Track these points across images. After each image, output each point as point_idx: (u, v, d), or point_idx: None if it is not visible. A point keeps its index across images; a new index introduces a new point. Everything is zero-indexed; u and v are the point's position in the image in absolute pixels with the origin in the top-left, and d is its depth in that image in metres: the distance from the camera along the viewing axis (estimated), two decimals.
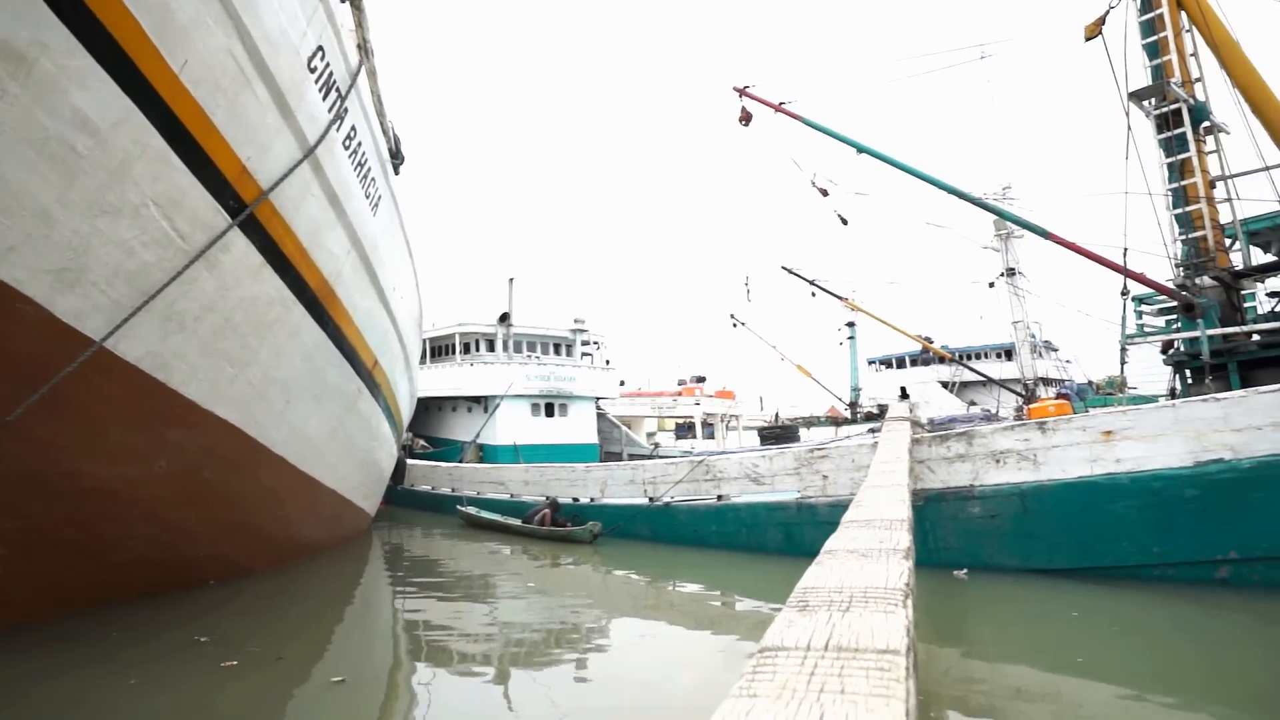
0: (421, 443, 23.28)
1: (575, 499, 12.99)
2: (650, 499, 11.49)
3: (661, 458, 15.89)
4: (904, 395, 15.51)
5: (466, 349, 23.81)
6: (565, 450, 21.96)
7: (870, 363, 39.86)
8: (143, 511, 6.41)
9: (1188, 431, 6.93)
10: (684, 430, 35.83)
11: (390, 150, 9.18)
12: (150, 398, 5.82)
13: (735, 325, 28.39)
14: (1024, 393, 17.54)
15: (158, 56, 4.64)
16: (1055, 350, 31.45)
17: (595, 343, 25.98)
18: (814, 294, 21.95)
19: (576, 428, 24.02)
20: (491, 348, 23.55)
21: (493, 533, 13.40)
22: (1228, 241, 9.92)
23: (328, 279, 7.50)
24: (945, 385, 32.26)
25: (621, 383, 31.99)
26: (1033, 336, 21.53)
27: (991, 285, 20.66)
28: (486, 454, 21.52)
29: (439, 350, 24.72)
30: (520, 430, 22.31)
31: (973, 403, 29.16)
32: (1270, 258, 11.04)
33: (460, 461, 19.04)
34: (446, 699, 4.85)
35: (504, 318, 23.25)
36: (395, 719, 4.70)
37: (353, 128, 7.29)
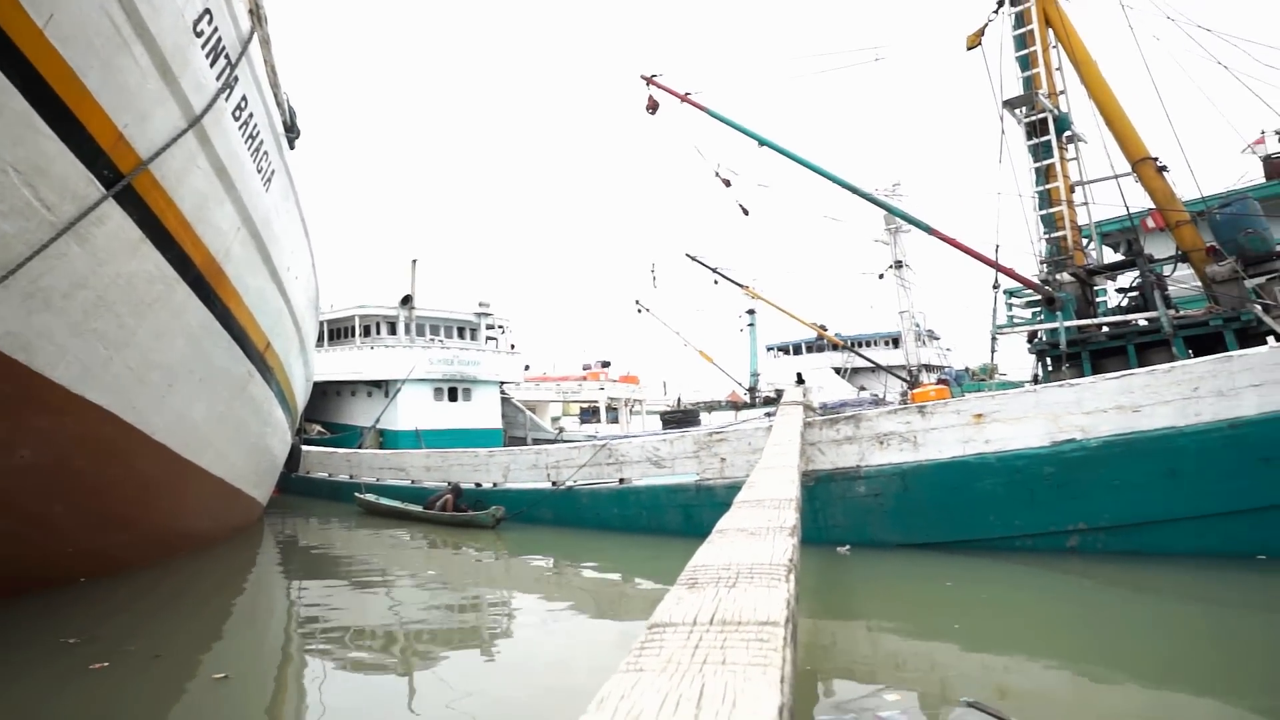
0: (318, 428, 22.39)
1: (478, 484, 12.90)
2: (553, 483, 11.57)
3: (566, 442, 15.96)
4: (800, 381, 16.24)
5: (367, 332, 23.02)
6: (469, 435, 21.70)
7: (769, 349, 41.31)
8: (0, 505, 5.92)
9: (1046, 414, 7.64)
10: (589, 415, 36.01)
11: (285, 123, 8.74)
12: (10, 382, 5.37)
13: (640, 311, 28.72)
14: (909, 378, 18.76)
15: (16, 7, 4.26)
16: (937, 339, 33.69)
17: (500, 327, 25.68)
18: (716, 282, 22.54)
19: (480, 412, 23.73)
20: (393, 331, 22.87)
21: (392, 520, 13.12)
22: (1084, 241, 10.94)
23: (215, 256, 7.10)
24: (838, 371, 33.95)
25: (527, 367, 31.78)
26: (917, 326, 23.00)
27: (881, 277, 21.91)
28: (387, 440, 20.96)
29: (337, 333, 23.77)
30: (422, 415, 21.84)
31: (863, 388, 30.85)
32: (1119, 257, 12.23)
33: (359, 447, 18.45)
34: (341, 693, 4.72)
35: (406, 300, 22.60)
36: (283, 716, 4.51)
37: (243, 98, 6.90)
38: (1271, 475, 6.62)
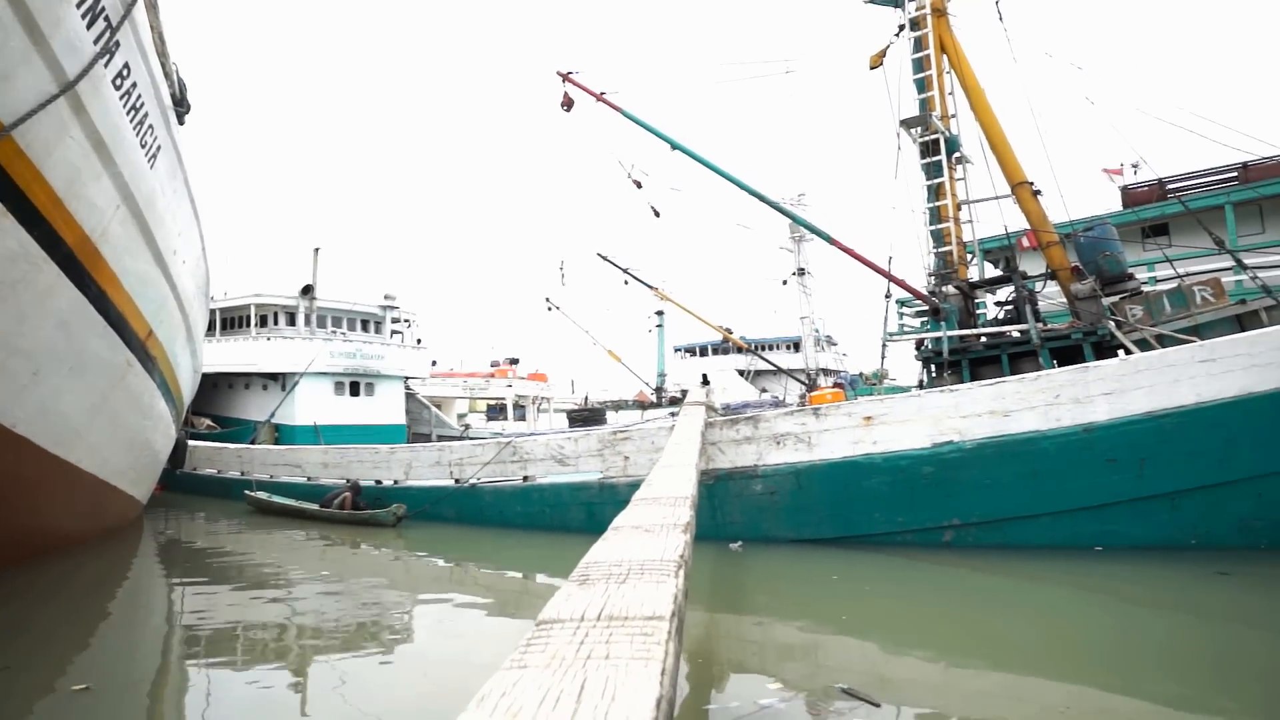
0: (207, 423, 21.11)
1: (378, 481, 12.55)
2: (456, 480, 11.40)
3: (471, 439, 15.72)
4: (705, 382, 16.63)
5: (263, 322, 21.86)
6: (371, 431, 21.03)
7: (676, 350, 42.05)
8: None
9: (929, 418, 8.17)
10: (496, 412, 35.58)
11: (174, 96, 8.19)
12: None
13: (550, 309, 28.60)
14: (807, 382, 19.56)
15: None
16: (835, 344, 35.31)
17: (406, 320, 25.00)
18: (626, 282, 22.75)
19: (383, 408, 23.03)
20: (292, 321, 21.83)
21: (286, 519, 12.56)
22: (968, 257, 11.75)
23: (90, 235, 6.59)
24: (742, 373, 34.94)
25: (433, 363, 31.06)
26: (817, 331, 24.04)
27: (785, 283, 22.76)
28: (283, 435, 20.03)
29: (231, 322, 22.48)
30: (322, 410, 21.00)
31: (765, 390, 31.89)
32: (998, 272, 13.18)
33: (252, 443, 17.53)
34: (223, 700, 4.48)
35: (307, 290, 21.64)
36: None
37: (126, 65, 6.43)
38: (1115, 475, 7.35)
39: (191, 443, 17.08)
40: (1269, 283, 8.94)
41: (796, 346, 29.43)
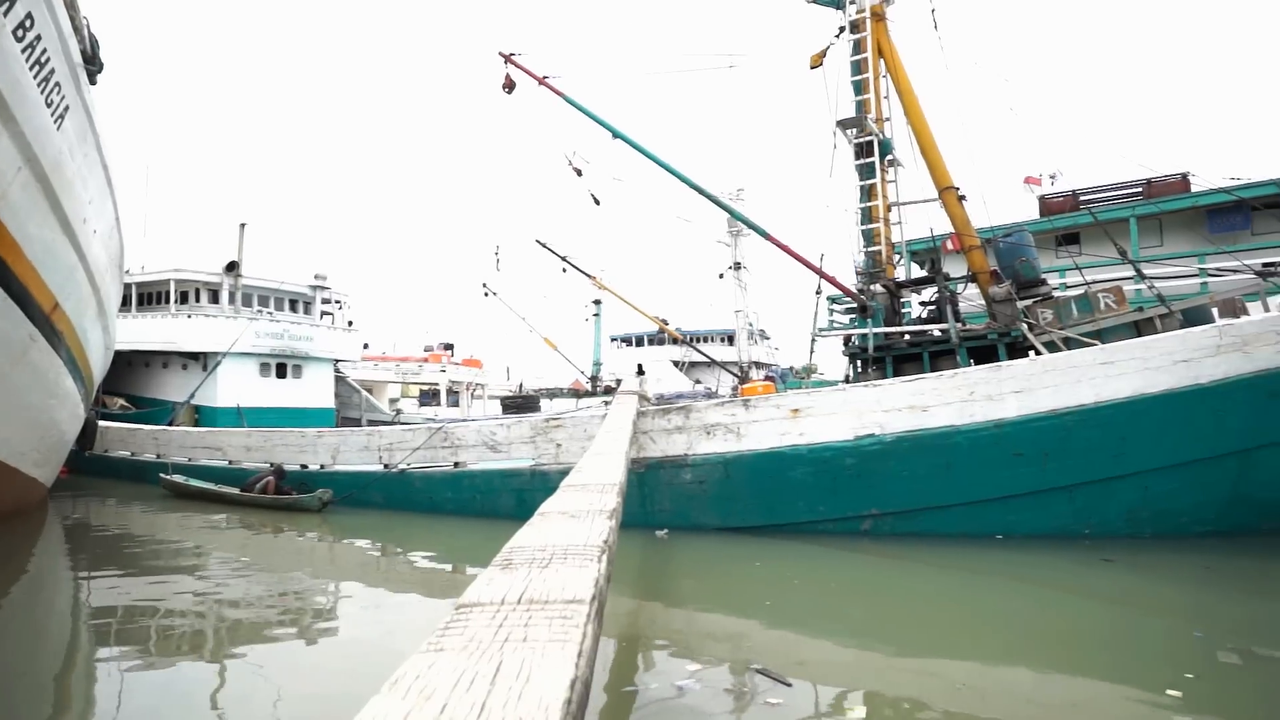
0: (121, 403, 20.01)
1: (304, 466, 12.20)
2: (386, 465, 11.21)
3: (402, 424, 15.44)
4: (641, 372, 16.75)
5: (184, 298, 20.84)
6: (298, 415, 20.37)
7: (613, 340, 42.17)
8: None
9: (852, 411, 8.47)
10: (428, 397, 34.99)
11: (85, 53, 7.70)
12: None
13: (486, 295, 28.17)
14: (740, 374, 19.94)
15: None
16: (768, 338, 36.10)
17: (338, 302, 24.26)
18: (565, 270, 22.60)
19: (311, 391, 22.34)
20: (215, 299, 20.89)
21: (205, 503, 12.08)
22: (896, 257, 12.17)
23: None
24: (677, 364, 35.39)
25: (365, 345, 30.24)
26: (750, 325, 24.50)
27: (721, 276, 23.08)
28: (204, 417, 19.19)
29: (149, 298, 21.34)
30: (246, 392, 20.21)
31: (698, 381, 32.40)
32: (924, 273, 13.71)
33: (170, 424, 16.73)
34: (134, 694, 4.29)
35: (232, 266, 20.71)
36: None
37: (28, 16, 6.03)
38: (1021, 468, 7.80)
39: (102, 423, 16.21)
40: (1164, 292, 9.60)
41: (730, 339, 29.95)
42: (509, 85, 15.15)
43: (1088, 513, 7.83)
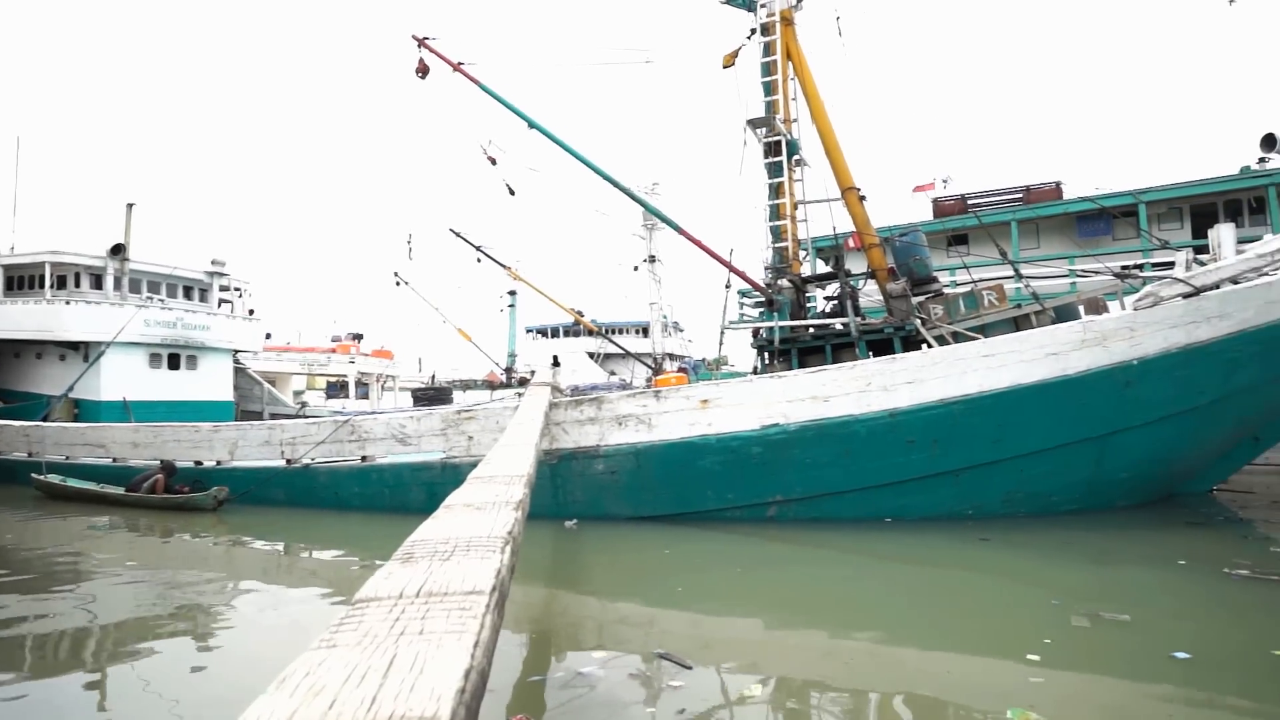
0: None
1: (199, 463, 11.58)
2: (288, 461, 10.79)
3: (305, 418, 14.85)
4: (556, 363, 16.73)
5: (61, 283, 19.23)
6: (193, 408, 19.20)
7: (528, 331, 41.84)
8: None
9: (759, 401, 8.77)
10: (336, 389, 33.73)
11: None
12: None
13: (399, 284, 27.37)
14: (654, 366, 20.21)
15: None
16: (681, 330, 36.70)
17: (237, 289, 22.96)
18: (479, 260, 22.22)
19: (208, 383, 21.09)
20: (99, 285, 19.37)
21: (84, 505, 11.28)
22: (802, 253, 12.63)
23: None
24: (592, 356, 35.48)
25: (268, 335, 28.81)
26: (665, 317, 24.86)
27: (636, 269, 23.29)
28: (85, 412, 17.80)
29: (20, 282, 19.58)
30: (134, 385, 18.86)
31: (613, 373, 32.62)
32: (828, 269, 14.27)
33: (45, 420, 15.45)
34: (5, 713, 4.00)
35: (118, 249, 19.26)
36: None
37: None
38: (913, 454, 8.31)
39: None
40: (1039, 291, 10.39)
41: (645, 331, 30.30)
42: (422, 70, 14.73)
43: (971, 495, 8.43)
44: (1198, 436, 8.48)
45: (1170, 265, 10.40)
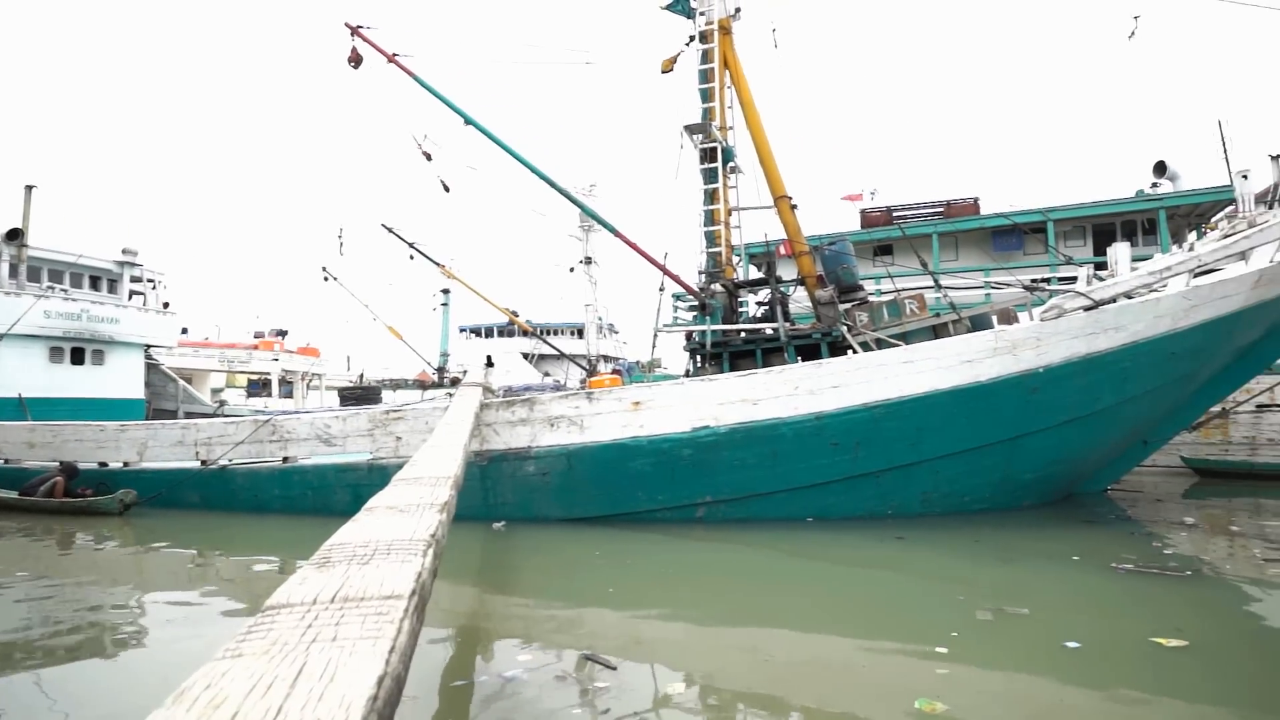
0: None
1: (104, 464, 10.97)
2: (204, 462, 10.34)
3: (223, 417, 14.25)
4: (490, 363, 16.54)
5: None
6: (98, 406, 18.11)
7: (461, 330, 41.23)
8: None
9: (690, 404, 8.91)
10: (258, 388, 32.42)
11: None
12: None
13: (327, 279, 26.53)
14: (588, 367, 20.22)
15: None
16: (616, 333, 36.84)
17: (151, 280, 21.81)
18: (412, 257, 21.77)
19: (116, 380, 19.95)
20: None
21: None
22: (735, 259, 12.88)
23: None
24: (527, 357, 35.20)
25: (184, 330, 27.46)
26: (600, 319, 24.89)
27: (572, 270, 23.24)
28: None
29: None
30: (31, 380, 17.67)
31: (548, 374, 32.48)
32: (760, 275, 14.59)
33: None
34: None
35: (14, 234, 18.03)
36: None
37: None
38: (837, 456, 8.59)
39: None
40: (956, 301, 10.91)
41: (580, 333, 30.29)
42: (355, 60, 14.34)
43: (890, 496, 8.77)
44: (1096, 440, 9.07)
45: (1074, 280, 11.08)
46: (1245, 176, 9.20)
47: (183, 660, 4.83)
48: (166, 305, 22.53)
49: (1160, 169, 17.63)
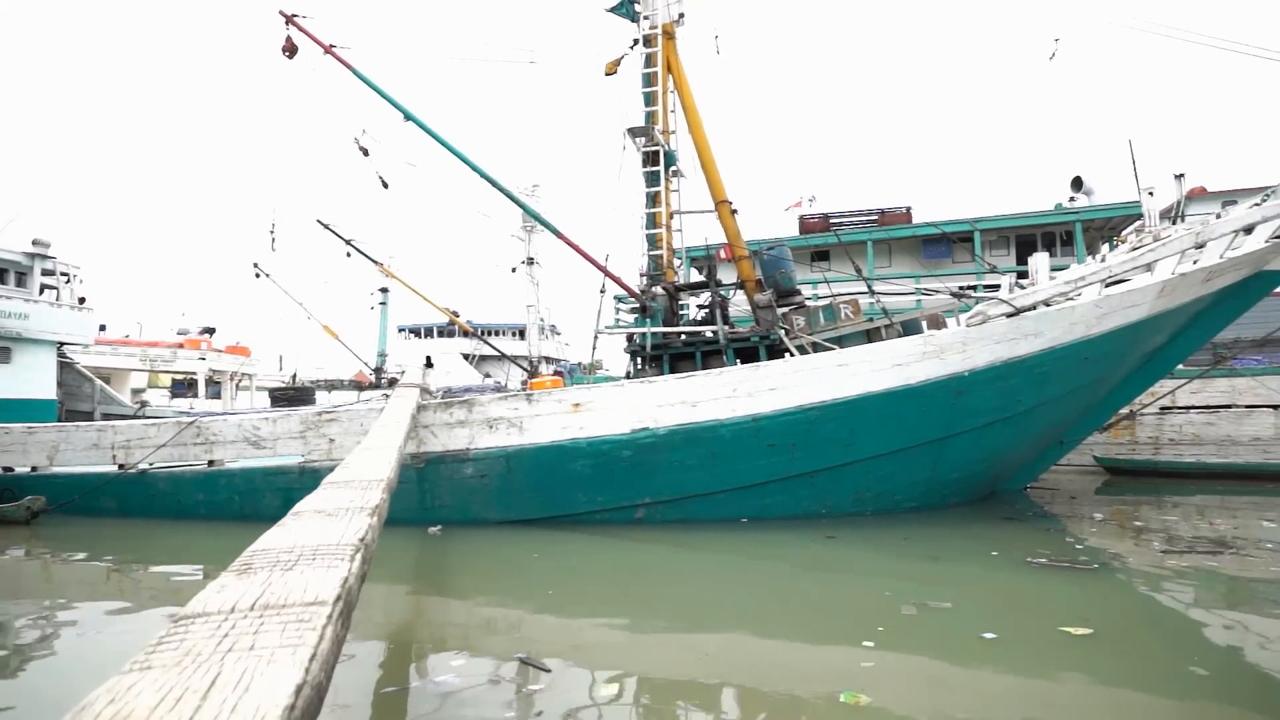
0: None
1: (9, 469, 10.34)
2: (122, 466, 9.86)
3: (144, 419, 13.61)
4: (429, 364, 16.22)
5: None
6: (5, 407, 17.09)
7: (400, 330, 40.41)
8: None
9: (630, 406, 8.96)
10: (183, 388, 31.08)
11: None
12: None
13: (259, 276, 25.61)
14: (530, 368, 20.09)
15: None
16: (559, 334, 36.72)
17: (65, 274, 20.70)
18: (349, 254, 21.21)
19: (24, 379, 18.84)
20: None
21: None
22: (676, 262, 12.99)
23: None
24: (467, 358, 34.75)
25: (102, 328, 26.07)
26: (542, 320, 24.76)
27: (514, 271, 23.06)
28: None
29: None
30: None
31: (488, 375, 32.14)
32: (700, 278, 14.76)
33: None
34: None
35: None
36: None
37: None
38: (774, 457, 8.77)
39: None
40: (888, 306, 11.28)
41: (522, 334, 30.08)
42: (290, 49, 13.84)
43: (825, 496, 9.00)
44: (1017, 440, 9.51)
45: (998, 288, 11.60)
46: (1151, 194, 9.81)
47: (91, 674, 4.59)
48: (82, 300, 21.41)
49: (1077, 184, 18.63)
